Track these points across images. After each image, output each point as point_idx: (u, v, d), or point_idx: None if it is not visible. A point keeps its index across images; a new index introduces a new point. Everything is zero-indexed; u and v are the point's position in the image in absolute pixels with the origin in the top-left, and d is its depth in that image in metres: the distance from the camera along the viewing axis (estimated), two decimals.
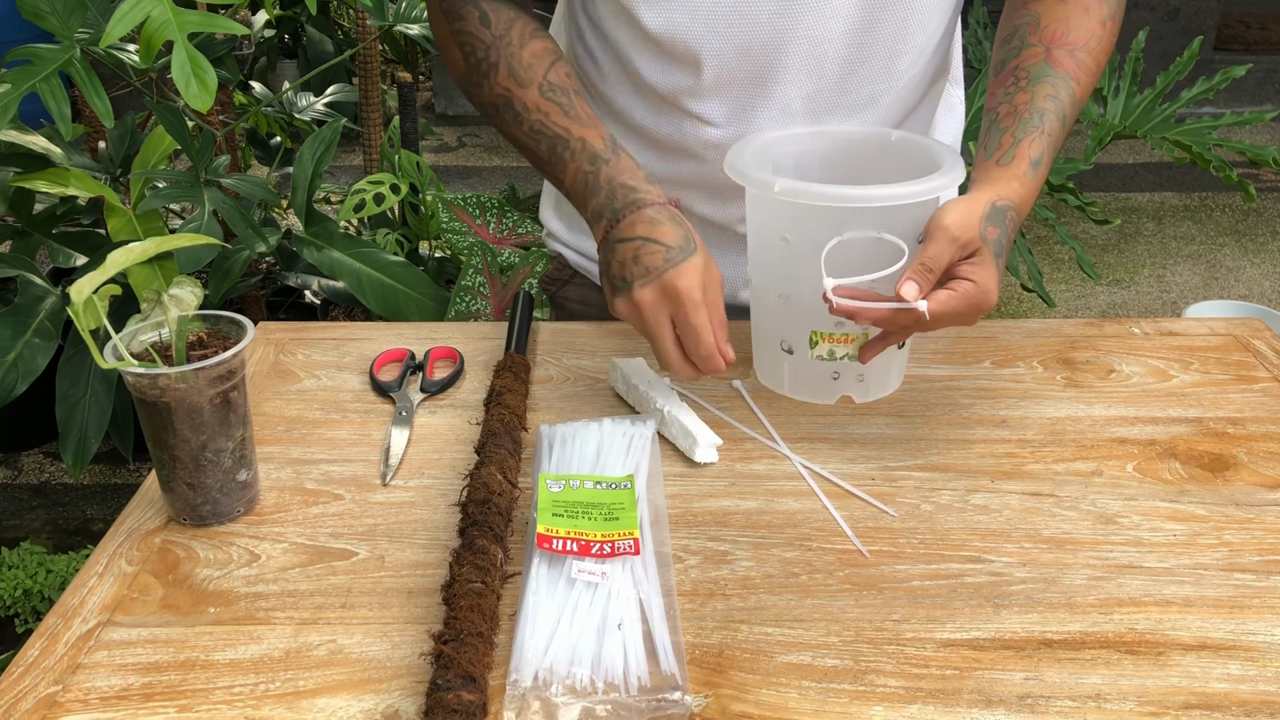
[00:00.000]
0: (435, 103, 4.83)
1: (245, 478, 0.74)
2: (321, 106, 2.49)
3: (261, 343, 0.97)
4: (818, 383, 0.87)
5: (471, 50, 0.90)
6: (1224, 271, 3.36)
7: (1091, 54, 0.88)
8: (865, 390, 0.88)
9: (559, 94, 0.88)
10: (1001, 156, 0.83)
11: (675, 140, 0.94)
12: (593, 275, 1.07)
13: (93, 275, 0.64)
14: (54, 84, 1.37)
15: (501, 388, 0.85)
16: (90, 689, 0.60)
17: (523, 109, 0.89)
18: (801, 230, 0.81)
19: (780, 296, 0.84)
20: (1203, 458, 0.81)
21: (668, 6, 0.86)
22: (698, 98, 0.91)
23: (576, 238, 1.07)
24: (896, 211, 0.79)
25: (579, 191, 0.87)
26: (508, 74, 0.89)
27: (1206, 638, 0.63)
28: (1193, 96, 1.96)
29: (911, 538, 0.72)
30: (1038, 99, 0.85)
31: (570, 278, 1.09)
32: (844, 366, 0.85)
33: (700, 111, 0.92)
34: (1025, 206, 0.83)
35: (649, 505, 0.73)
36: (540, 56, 0.89)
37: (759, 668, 0.61)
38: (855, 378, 0.87)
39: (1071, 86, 0.87)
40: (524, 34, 0.90)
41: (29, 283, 1.61)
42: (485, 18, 0.90)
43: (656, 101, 0.93)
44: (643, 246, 0.80)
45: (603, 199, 0.84)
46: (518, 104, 0.89)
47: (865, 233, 0.78)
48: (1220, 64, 3.81)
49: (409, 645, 0.63)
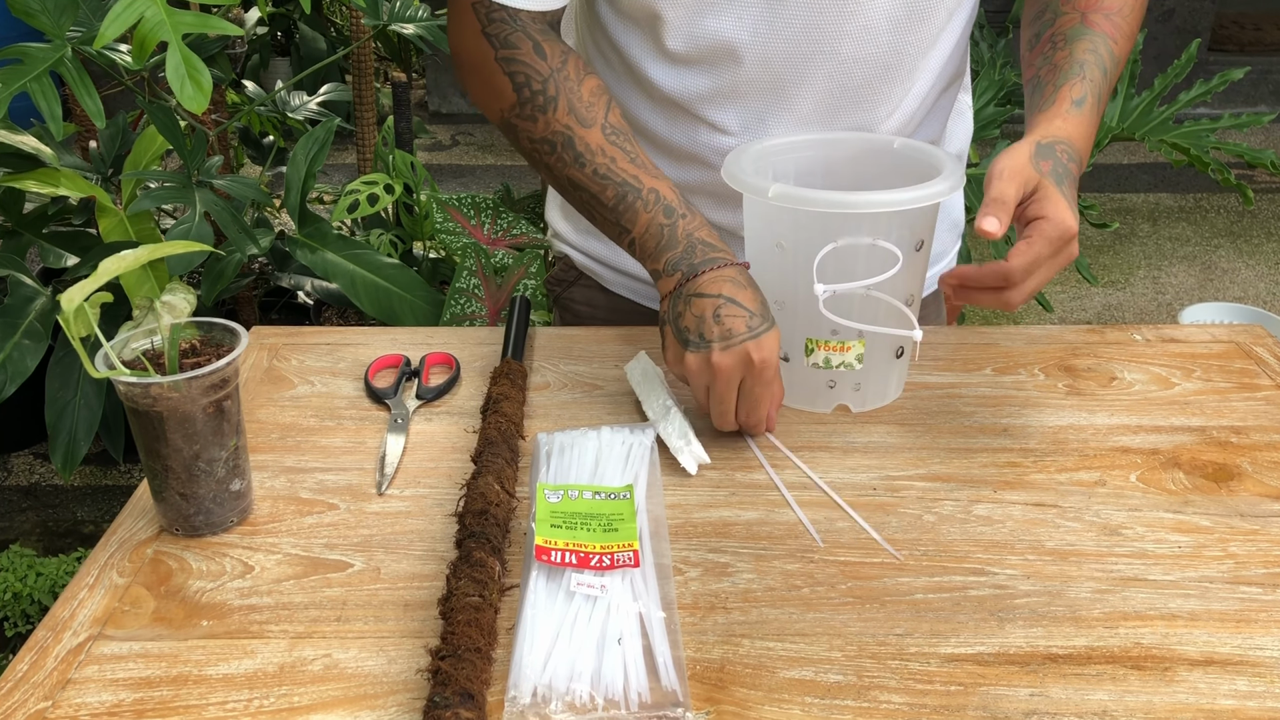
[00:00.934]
0: (429, 101, 4.81)
1: (239, 487, 0.72)
2: (315, 105, 2.48)
3: (255, 348, 0.96)
4: (814, 391, 0.86)
5: (526, 81, 0.86)
6: (1219, 273, 3.36)
7: (1126, 18, 0.89)
8: (862, 400, 0.87)
9: (623, 139, 0.86)
10: (1043, 105, 0.84)
11: (687, 148, 0.93)
12: (599, 277, 1.06)
13: (84, 283, 0.63)
14: (45, 83, 1.35)
15: (498, 395, 0.84)
16: (81, 705, 0.59)
17: (585, 150, 0.86)
18: (796, 237, 0.80)
19: (776, 303, 0.83)
20: (1206, 468, 0.80)
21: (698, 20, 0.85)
22: (714, 106, 0.90)
23: (583, 239, 1.06)
24: (891, 218, 0.78)
25: (650, 243, 0.84)
26: (568, 110, 0.86)
27: (1213, 653, 0.63)
28: (1191, 99, 1.95)
29: (914, 549, 0.71)
30: (1076, 53, 0.86)
31: (576, 279, 1.08)
32: (840, 375, 0.84)
33: (715, 120, 0.91)
34: (1078, 141, 0.83)
35: (648, 516, 0.72)
36: (598, 95, 0.87)
37: (761, 683, 0.60)
38: (852, 387, 0.86)
39: (1109, 44, 0.88)
40: (579, 70, 0.87)
41: (19, 283, 1.59)
42: (540, 49, 0.86)
43: (670, 108, 0.92)
44: (725, 306, 0.78)
45: (680, 252, 0.82)
46: (579, 144, 0.86)
47: (859, 240, 0.78)
48: (1215, 65, 3.82)
49: (405, 660, 0.62)
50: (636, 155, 0.86)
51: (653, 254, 0.84)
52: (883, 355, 0.85)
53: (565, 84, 0.86)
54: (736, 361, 0.77)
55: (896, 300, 0.80)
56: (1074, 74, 0.85)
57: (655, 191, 0.84)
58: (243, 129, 2.51)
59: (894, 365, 0.86)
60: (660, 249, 0.84)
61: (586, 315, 1.09)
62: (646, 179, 0.85)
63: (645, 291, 1.04)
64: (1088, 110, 0.84)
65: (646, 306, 1.05)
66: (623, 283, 1.05)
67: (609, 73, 0.96)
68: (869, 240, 0.78)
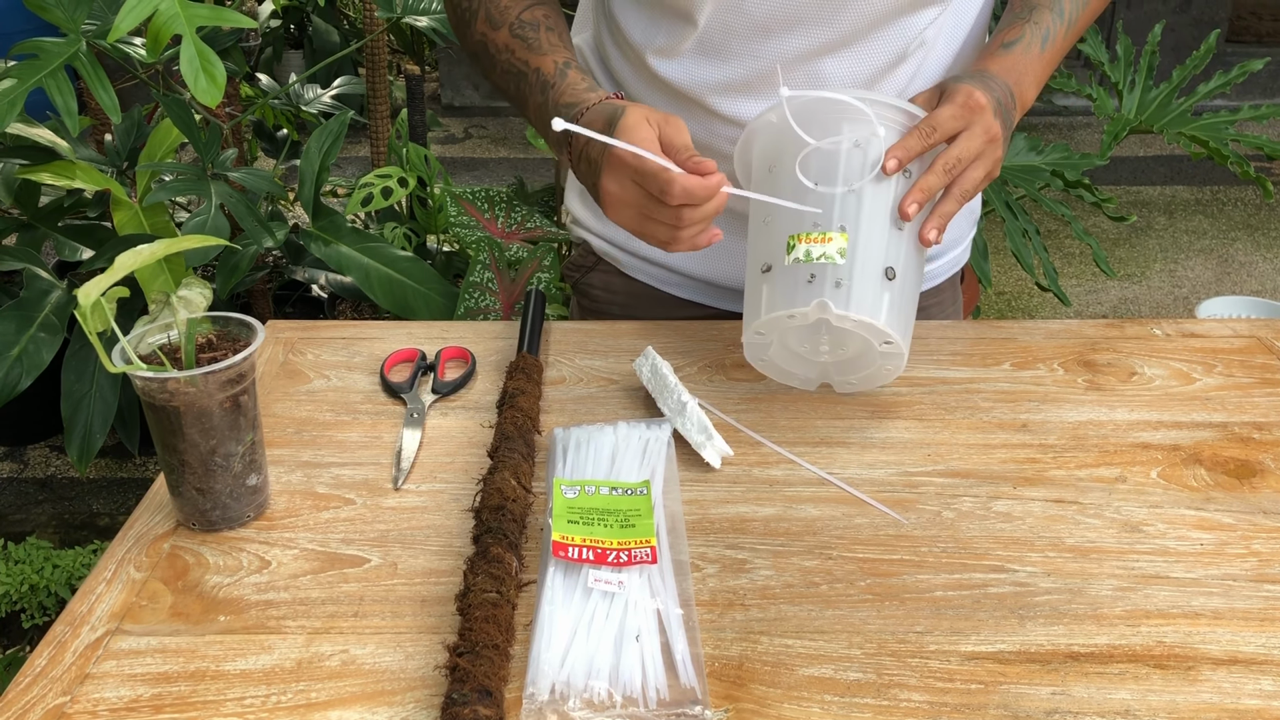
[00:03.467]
0: (442, 94, 4.81)
1: (255, 482, 0.72)
2: (328, 99, 2.48)
3: (270, 342, 0.96)
4: (793, 289, 0.78)
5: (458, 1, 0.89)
6: (1236, 266, 3.34)
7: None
8: (845, 300, 0.76)
9: (527, 29, 0.86)
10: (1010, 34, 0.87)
11: (703, 140, 0.92)
12: (618, 262, 1.06)
13: (100, 278, 0.62)
14: (60, 78, 1.36)
15: (514, 389, 0.84)
16: (99, 700, 0.59)
17: (495, 50, 0.87)
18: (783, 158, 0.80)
19: (764, 222, 0.82)
20: (1228, 464, 0.79)
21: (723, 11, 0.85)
22: (725, 98, 0.90)
23: (602, 224, 1.06)
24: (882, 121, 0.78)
25: (540, 128, 0.85)
26: (485, 19, 0.87)
27: (1237, 652, 0.62)
28: (1210, 90, 1.93)
29: (934, 546, 0.71)
30: (1036, 12, 0.88)
31: (594, 265, 1.08)
32: (819, 268, 0.77)
33: (728, 112, 0.90)
34: (1003, 74, 0.84)
35: (665, 512, 0.72)
36: (519, 0, 0.87)
37: (780, 681, 0.60)
38: (833, 283, 0.77)
39: (1067, 9, 0.89)
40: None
41: (34, 276, 1.60)
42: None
43: (681, 101, 0.91)
44: (586, 149, 0.79)
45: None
46: (491, 47, 0.87)
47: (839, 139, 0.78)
48: (1233, 56, 3.78)
49: (423, 656, 0.61)
50: (535, 40, 0.85)
51: (548, 141, 0.85)
52: (869, 267, 0.78)
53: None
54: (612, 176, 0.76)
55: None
56: (1018, 19, 0.87)
57: (538, 71, 0.84)
58: (256, 122, 2.51)
59: (885, 286, 0.78)
60: (545, 130, 0.84)
61: (605, 301, 1.08)
62: (534, 59, 0.85)
63: (664, 277, 1.04)
64: (1019, 50, 0.85)
65: (666, 292, 1.05)
66: (641, 267, 1.05)
67: (625, 66, 0.95)
68: (850, 141, 0.78)
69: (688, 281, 1.03)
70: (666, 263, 1.02)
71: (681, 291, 1.04)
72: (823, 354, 0.84)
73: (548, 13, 0.88)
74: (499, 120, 4.64)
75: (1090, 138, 4.41)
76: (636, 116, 0.76)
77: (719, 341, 0.96)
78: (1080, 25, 0.91)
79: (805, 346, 0.84)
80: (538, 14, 0.87)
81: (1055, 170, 1.82)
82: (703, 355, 0.94)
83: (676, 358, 0.93)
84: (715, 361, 0.93)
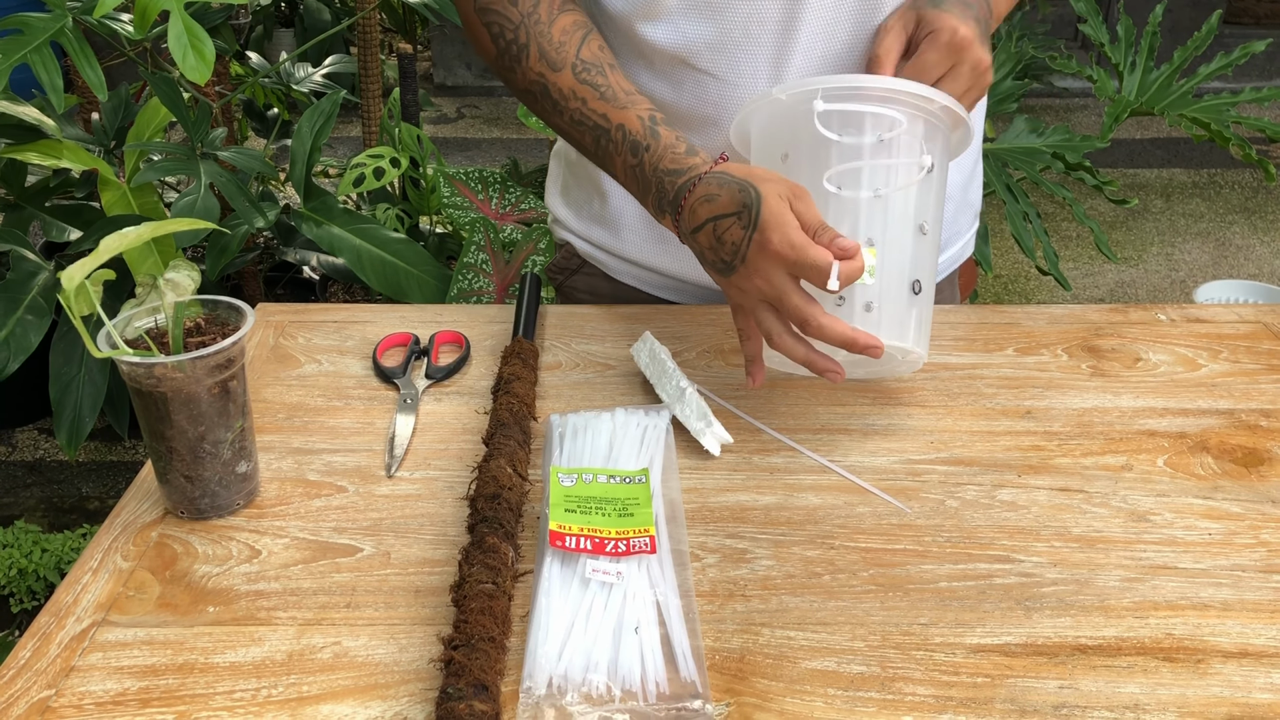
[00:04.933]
0: (434, 73, 4.77)
1: (245, 469, 0.71)
2: (320, 78, 2.45)
3: (260, 326, 0.94)
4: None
5: (500, 32, 0.84)
6: (1233, 250, 3.33)
7: None
8: (876, 325, 0.74)
9: (594, 74, 0.82)
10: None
11: (691, 106, 0.88)
12: (601, 264, 1.02)
13: (85, 261, 0.61)
14: (45, 54, 1.33)
15: (510, 375, 0.82)
16: (85, 693, 0.57)
17: (559, 97, 0.83)
18: (799, 148, 0.77)
19: None
20: (1235, 452, 0.78)
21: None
22: (711, 56, 0.86)
23: (585, 225, 1.02)
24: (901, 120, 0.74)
25: (634, 189, 0.82)
26: (539, 56, 0.83)
27: (1247, 644, 0.61)
28: (1211, 72, 1.92)
29: (937, 535, 0.69)
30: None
31: (579, 267, 1.05)
32: (848, 291, 0.75)
33: (716, 70, 0.86)
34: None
35: (664, 500, 0.70)
36: (570, 32, 0.83)
37: (782, 674, 0.58)
38: (862, 307, 0.75)
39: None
40: (552, 8, 0.84)
41: (21, 258, 1.57)
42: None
43: (668, 64, 0.88)
44: (716, 228, 0.74)
45: (655, 194, 0.79)
46: (554, 91, 0.83)
47: (863, 139, 0.75)
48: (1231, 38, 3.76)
49: (417, 648, 0.60)
50: (607, 87, 0.82)
51: (640, 199, 0.82)
52: (897, 284, 0.76)
53: (535, 28, 0.83)
54: (759, 267, 0.72)
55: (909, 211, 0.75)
56: None
57: (622, 128, 0.81)
58: (247, 101, 2.48)
59: (912, 301, 0.77)
60: (644, 195, 0.81)
61: (590, 304, 1.05)
62: (615, 114, 0.82)
63: (650, 279, 1.01)
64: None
65: (651, 294, 1.02)
66: (627, 270, 1.02)
67: (612, 36, 0.92)
68: (873, 138, 0.74)
69: (673, 284, 1.00)
70: (652, 265, 0.99)
71: (667, 294, 1.01)
72: (839, 354, 0.82)
73: (602, 44, 0.85)
74: (492, 100, 4.60)
75: (1090, 120, 4.39)
76: (779, 205, 0.72)
77: (718, 326, 0.94)
78: None
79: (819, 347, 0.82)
80: (595, 50, 0.84)
81: (1056, 152, 1.80)
82: (701, 340, 0.92)
83: (675, 343, 0.91)
84: (714, 347, 0.91)
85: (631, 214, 0.97)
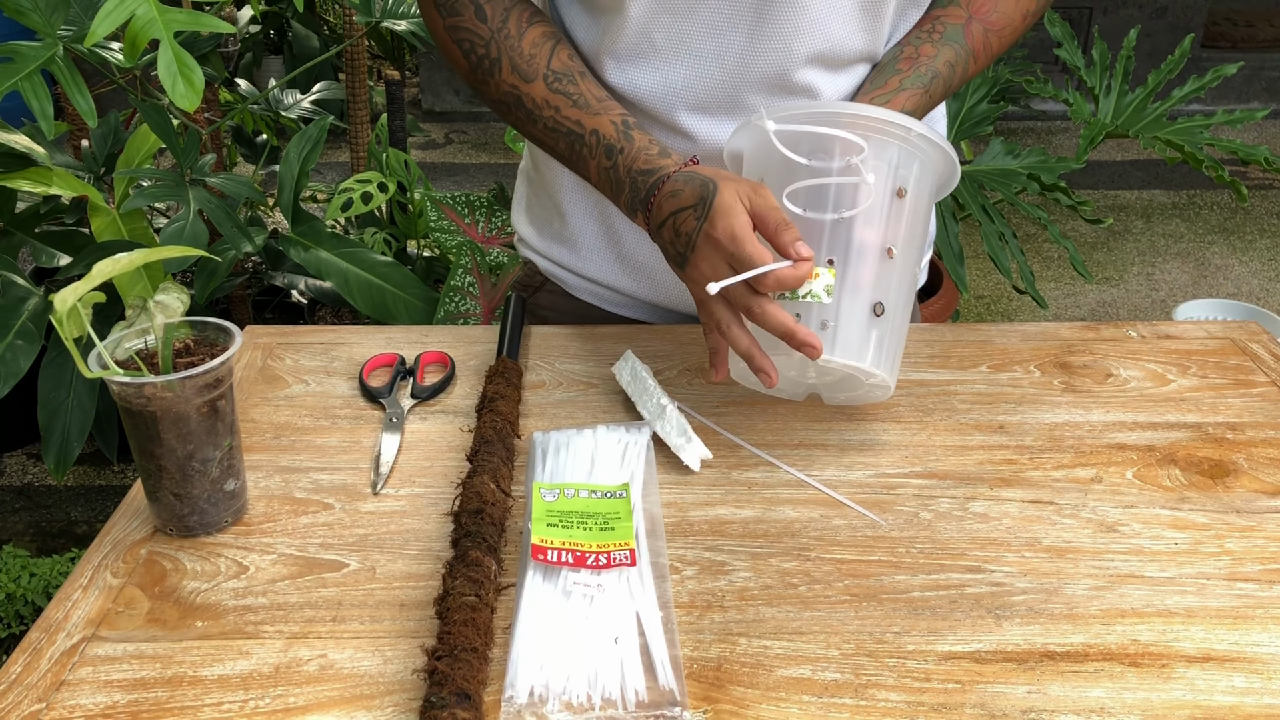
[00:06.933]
0: (422, 99, 4.80)
1: (233, 487, 0.72)
2: (308, 104, 2.47)
3: (249, 347, 0.95)
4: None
5: (471, 47, 0.87)
6: (1212, 270, 3.37)
7: (1001, 41, 0.91)
8: (831, 343, 0.75)
9: (565, 82, 0.85)
10: (879, 96, 0.85)
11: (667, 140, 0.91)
12: (563, 282, 1.04)
13: (77, 285, 0.62)
14: (36, 82, 1.35)
15: (493, 394, 0.84)
16: (75, 706, 0.58)
17: (533, 106, 0.86)
18: (770, 171, 0.79)
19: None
20: (1202, 464, 0.80)
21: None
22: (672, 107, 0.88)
23: (547, 244, 1.04)
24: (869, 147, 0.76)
25: (607, 191, 0.85)
26: (511, 69, 0.86)
27: (1210, 649, 0.63)
28: (1184, 95, 1.95)
29: (911, 547, 0.71)
30: (938, 61, 0.87)
31: (541, 284, 1.06)
32: (804, 307, 0.75)
33: (678, 122, 0.88)
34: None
35: (645, 515, 0.72)
36: (540, 44, 0.86)
37: (758, 682, 0.60)
38: (818, 324, 0.76)
39: (969, 63, 0.89)
40: (521, 22, 0.87)
41: (11, 283, 1.58)
42: (480, 10, 0.87)
43: (632, 108, 0.89)
44: (676, 220, 0.78)
45: (628, 194, 0.83)
46: (527, 101, 0.86)
47: (830, 163, 0.76)
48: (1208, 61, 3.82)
49: (401, 660, 0.61)
50: (579, 95, 0.85)
51: (615, 201, 0.85)
52: (857, 304, 0.76)
53: (506, 42, 0.86)
54: (706, 256, 0.76)
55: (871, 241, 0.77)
56: (920, 84, 0.86)
57: (596, 133, 0.84)
58: (235, 128, 2.50)
59: (871, 324, 0.77)
60: (617, 195, 0.84)
61: (554, 321, 1.05)
62: (588, 120, 0.84)
63: (609, 297, 1.02)
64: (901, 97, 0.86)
65: (611, 312, 1.03)
66: (586, 288, 1.03)
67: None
68: (841, 163, 0.76)
69: (632, 302, 1.02)
70: (609, 283, 1.01)
71: (627, 312, 1.03)
72: (810, 377, 0.85)
73: (571, 53, 0.87)
74: (479, 125, 4.63)
75: (1067, 142, 4.45)
76: (730, 197, 0.75)
77: (699, 345, 0.96)
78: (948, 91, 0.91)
79: (792, 372, 0.84)
80: (565, 59, 0.86)
81: (1032, 174, 1.83)
82: (683, 359, 0.94)
83: (656, 361, 0.93)
84: (695, 365, 0.93)
85: (590, 233, 0.99)
